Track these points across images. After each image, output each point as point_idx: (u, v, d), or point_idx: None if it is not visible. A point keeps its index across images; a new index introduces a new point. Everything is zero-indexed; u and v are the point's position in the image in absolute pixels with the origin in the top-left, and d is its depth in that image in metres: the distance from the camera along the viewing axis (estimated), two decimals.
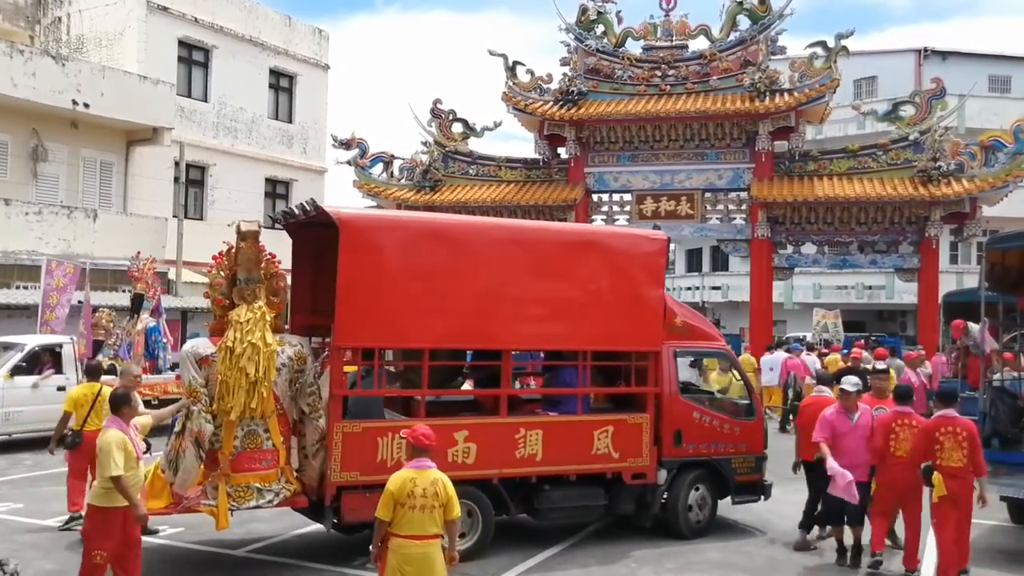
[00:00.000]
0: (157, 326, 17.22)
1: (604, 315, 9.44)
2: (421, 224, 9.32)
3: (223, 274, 8.37)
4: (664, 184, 24.78)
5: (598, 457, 9.32)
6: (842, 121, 36.40)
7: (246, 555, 8.90)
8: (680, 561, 8.93)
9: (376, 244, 8.48)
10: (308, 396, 8.27)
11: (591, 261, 9.50)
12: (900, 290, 32.99)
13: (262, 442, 8.03)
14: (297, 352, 8.29)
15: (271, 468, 8.07)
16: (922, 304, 23.56)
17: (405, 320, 8.55)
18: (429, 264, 8.66)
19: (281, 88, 30.77)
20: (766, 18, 24.27)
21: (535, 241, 9.55)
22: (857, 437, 8.74)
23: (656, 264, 9.93)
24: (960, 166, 22.51)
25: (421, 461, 6.02)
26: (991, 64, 40.59)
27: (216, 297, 8.38)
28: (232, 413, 7.81)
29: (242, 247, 8.32)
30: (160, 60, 26.19)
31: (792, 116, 23.49)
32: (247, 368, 7.79)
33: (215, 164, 28.02)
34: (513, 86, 25.54)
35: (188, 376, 8.06)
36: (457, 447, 8.66)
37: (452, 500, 5.96)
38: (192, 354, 8.12)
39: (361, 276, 8.28)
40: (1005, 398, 10.90)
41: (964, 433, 8.15)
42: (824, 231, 23.91)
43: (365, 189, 26.54)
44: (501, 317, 9.02)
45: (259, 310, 8.11)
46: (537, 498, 9.22)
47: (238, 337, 7.87)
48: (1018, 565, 9.08)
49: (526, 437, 8.99)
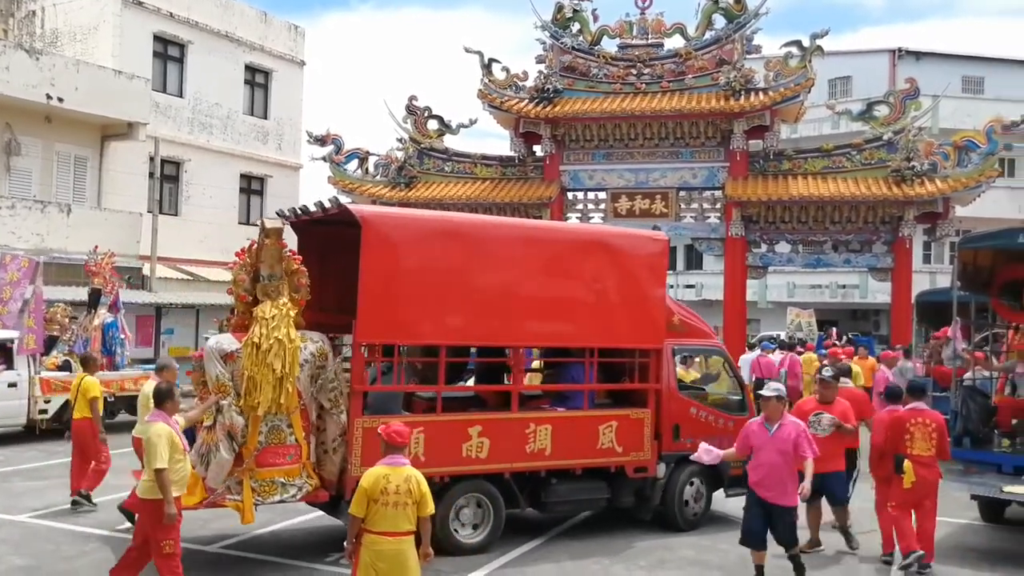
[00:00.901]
0: (115, 322, 16.89)
1: (610, 313, 9.72)
2: (438, 223, 9.47)
3: (246, 271, 8.49)
4: (639, 182, 24.86)
5: (603, 451, 9.60)
6: (817, 120, 36.67)
7: (218, 551, 8.87)
8: (653, 559, 8.98)
9: (396, 242, 8.64)
10: (330, 391, 8.38)
11: (597, 261, 9.76)
12: (874, 289, 33.28)
13: (286, 437, 8.14)
14: (319, 348, 8.40)
15: (294, 463, 8.19)
16: (895, 303, 23.78)
17: (422, 317, 8.75)
18: (445, 262, 8.85)
19: (256, 84, 30.60)
20: (741, 17, 24.40)
21: (545, 241, 9.80)
22: (773, 451, 7.77)
23: (658, 264, 10.26)
24: (933, 166, 22.72)
25: (395, 458, 6.04)
26: (965, 65, 41.02)
27: (240, 293, 8.50)
28: (260, 408, 7.92)
29: (266, 244, 8.43)
30: (135, 55, 25.96)
31: (767, 115, 23.62)
32: (274, 364, 7.90)
33: (190, 160, 27.83)
34: (489, 83, 25.53)
35: (215, 371, 8.09)
36: (471, 442, 8.86)
37: (425, 497, 5.96)
38: (217, 350, 8.17)
39: (382, 273, 8.44)
40: (976, 397, 11.02)
41: (933, 425, 8.67)
42: (798, 230, 24.08)
43: (340, 185, 26.44)
44: (513, 314, 9.23)
45: (284, 306, 8.23)
46: (545, 492, 9.43)
47: (264, 333, 7.99)
48: (988, 563, 9.19)
49: (536, 432, 9.23)
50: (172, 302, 23.36)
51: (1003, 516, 10.90)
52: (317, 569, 8.36)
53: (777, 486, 7.76)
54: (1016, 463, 10.02)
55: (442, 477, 8.67)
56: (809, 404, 9.47)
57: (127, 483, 11.96)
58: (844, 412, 9.24)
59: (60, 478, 12.25)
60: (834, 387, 9.45)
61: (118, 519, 9.95)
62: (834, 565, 9.01)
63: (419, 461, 8.24)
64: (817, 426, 8.91)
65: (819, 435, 8.69)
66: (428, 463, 8.41)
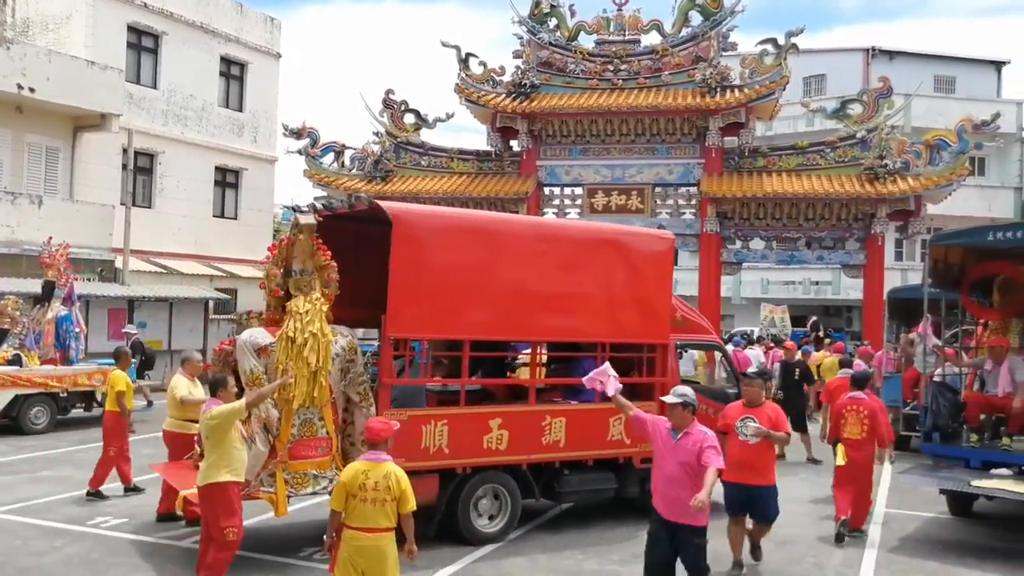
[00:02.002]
0: (69, 315, 16.44)
1: (621, 309, 10.06)
2: (463, 220, 9.83)
3: (278, 266, 8.61)
4: (615, 178, 24.94)
5: (612, 443, 9.95)
6: (791, 118, 36.89)
7: (191, 546, 8.81)
8: (626, 552, 9.01)
9: (424, 239, 8.78)
10: (359, 385, 8.52)
11: (610, 258, 10.07)
12: (846, 286, 33.55)
13: (317, 430, 8.23)
14: (349, 342, 8.53)
15: (325, 455, 8.29)
16: (868, 300, 24.01)
17: (448, 311, 8.93)
18: (469, 258, 9.05)
19: (232, 76, 30.35)
20: (718, 14, 24.52)
21: (561, 238, 10.02)
22: (673, 462, 6.63)
23: (665, 262, 10.62)
24: (906, 164, 22.95)
25: (376, 454, 6.07)
26: (937, 65, 41.42)
27: (272, 288, 8.62)
28: (295, 402, 8.02)
29: (299, 239, 8.52)
30: (108, 45, 25.68)
31: (742, 112, 23.76)
32: (309, 358, 8.04)
33: (164, 152, 27.57)
34: (466, 78, 25.49)
35: (249, 365, 8.17)
36: (492, 434, 9.10)
37: (406, 493, 5.96)
38: (251, 344, 8.25)
39: (410, 269, 8.58)
40: (946, 393, 11.17)
41: (866, 411, 9.77)
42: (772, 227, 24.25)
43: (316, 179, 26.36)
44: (531, 310, 9.49)
45: (317, 301, 8.34)
46: (558, 482, 9.71)
47: (298, 327, 8.10)
48: (954, 556, 9.30)
49: (551, 424, 9.53)
50: (145, 295, 23.14)
51: (971, 510, 11.04)
52: (291, 564, 8.34)
53: (677, 503, 6.58)
54: (984, 458, 10.17)
55: (464, 468, 8.95)
56: (735, 409, 8.55)
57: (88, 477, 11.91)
58: (774, 418, 8.26)
59: (28, 473, 12.16)
60: (758, 387, 8.44)
61: (89, 515, 9.89)
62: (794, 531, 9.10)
63: (443, 453, 8.73)
64: (743, 432, 8.11)
65: (749, 442, 8.08)
66: (452, 455, 8.79)
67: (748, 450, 8.04)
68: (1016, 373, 10.75)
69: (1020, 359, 10.95)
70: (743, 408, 8.36)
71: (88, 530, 9.29)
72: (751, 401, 8.39)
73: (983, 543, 9.91)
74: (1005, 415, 10.71)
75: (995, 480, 9.65)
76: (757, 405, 8.34)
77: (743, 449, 8.10)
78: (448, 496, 8.93)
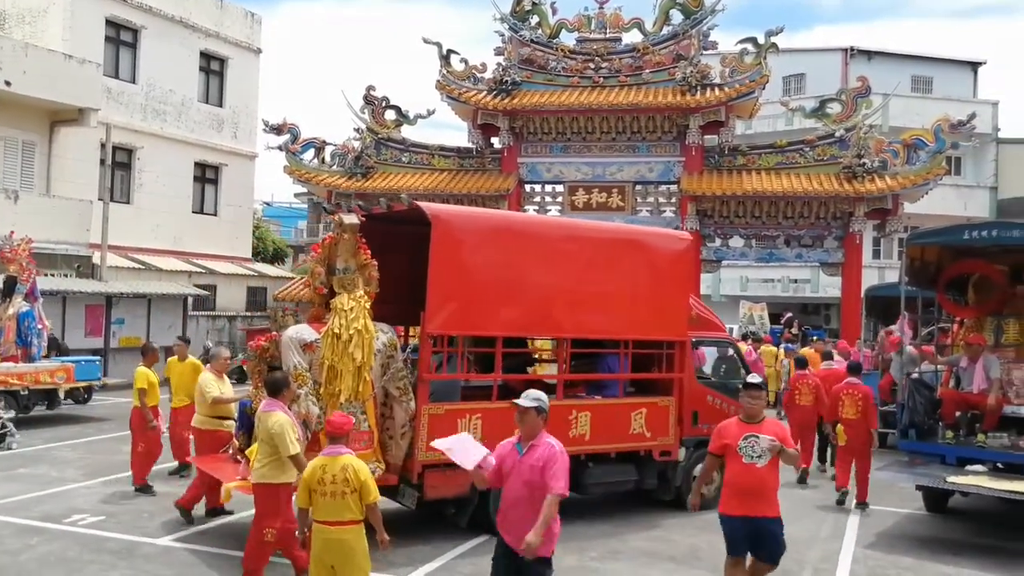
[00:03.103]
0: (31, 311, 16.07)
1: (644, 307, 10.37)
2: (498, 220, 10.26)
3: (322, 264, 8.89)
4: (596, 176, 25.00)
5: (634, 436, 10.28)
6: (771, 117, 37.07)
7: (168, 544, 8.77)
8: (605, 549, 9.05)
9: (461, 239, 9.09)
10: (399, 380, 8.72)
11: (634, 258, 10.44)
12: (825, 284, 33.76)
13: (360, 423, 8.36)
14: (389, 339, 8.78)
15: (368, 448, 8.44)
16: (846, 298, 24.20)
17: (483, 309, 9.23)
18: (503, 258, 9.35)
19: (212, 71, 30.14)
20: (698, 13, 24.64)
21: (587, 239, 10.36)
22: (518, 480, 5.73)
23: (684, 261, 11.08)
24: (883, 163, 23.15)
25: (335, 448, 6.15)
26: (914, 65, 41.73)
27: (317, 286, 8.90)
28: (341, 396, 8.26)
29: (343, 238, 8.80)
30: (86, 39, 25.42)
31: (722, 111, 23.89)
32: (354, 353, 8.27)
33: (143, 147, 27.33)
34: (447, 74, 25.48)
35: (293, 361, 8.37)
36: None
37: (365, 485, 5.99)
38: (297, 340, 8.47)
39: (449, 268, 8.89)
40: (922, 390, 11.26)
41: (860, 395, 11.31)
42: (752, 225, 24.39)
43: (296, 175, 26.30)
44: (561, 307, 9.80)
45: (360, 299, 8.59)
46: (582, 474, 9.86)
47: (343, 324, 8.33)
48: (930, 551, 9.39)
49: (577, 418, 9.84)
50: (123, 291, 22.96)
51: (946, 506, 11.15)
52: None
53: (519, 528, 5.65)
54: (959, 454, 10.27)
55: None
56: (732, 426, 6.91)
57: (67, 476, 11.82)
58: (781, 435, 6.84)
59: (5, 471, 12.04)
60: (760, 399, 6.87)
61: (65, 512, 9.80)
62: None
63: None
64: (753, 453, 6.67)
65: (757, 465, 6.65)
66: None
67: (754, 475, 6.63)
68: (990, 370, 10.86)
69: (994, 357, 11.06)
70: (741, 424, 6.83)
71: (64, 528, 9.22)
72: (751, 415, 6.82)
73: (958, 538, 10.02)
74: (980, 412, 10.82)
75: (970, 476, 9.75)
76: (758, 420, 6.79)
77: (748, 474, 6.65)
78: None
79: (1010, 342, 11.48)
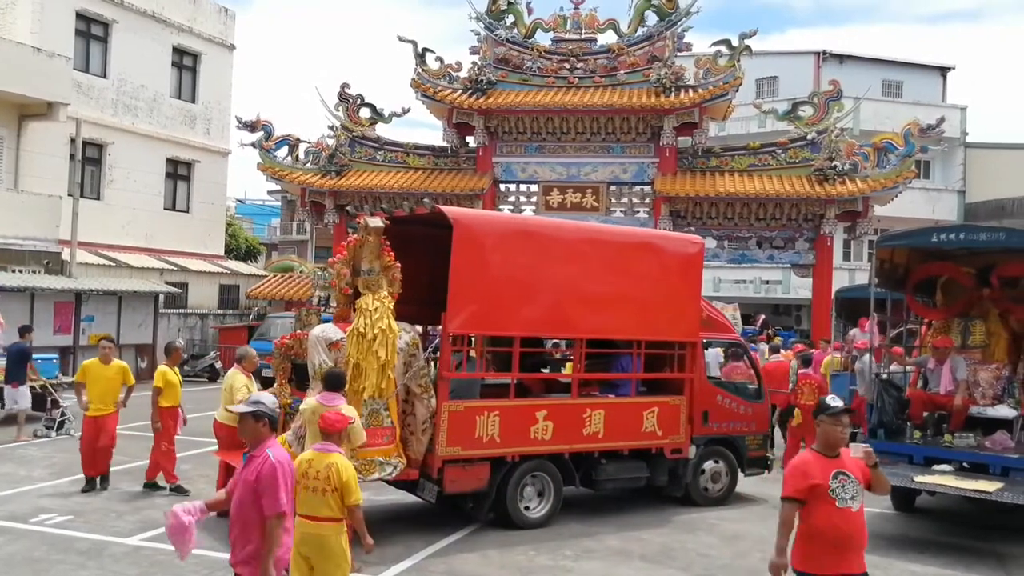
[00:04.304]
0: None
1: (656, 308, 10.68)
2: (517, 224, 10.61)
3: (347, 266, 9.21)
4: (571, 176, 25.05)
5: (646, 434, 10.60)
6: (744, 119, 37.24)
7: (138, 543, 8.71)
8: (579, 548, 9.08)
9: (481, 242, 9.42)
10: (421, 378, 9.07)
11: (647, 261, 10.77)
12: (796, 285, 33.98)
13: (383, 420, 8.72)
14: (412, 338, 9.08)
15: (390, 444, 8.79)
16: (816, 299, 24.38)
17: (501, 310, 9.54)
18: (521, 260, 9.64)
19: (184, 67, 29.89)
20: (673, 15, 24.74)
21: (603, 242, 10.67)
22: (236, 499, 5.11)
23: (695, 264, 11.26)
24: (854, 166, 23.37)
25: (325, 445, 6.17)
26: (885, 69, 42.10)
27: (343, 287, 9.22)
28: (365, 393, 8.55)
29: (368, 240, 9.10)
30: (56, 32, 25.11)
31: (696, 112, 23.99)
32: (378, 352, 8.59)
33: (113, 142, 27.05)
34: (422, 73, 25.42)
35: (318, 359, 8.73)
36: (538, 425, 9.74)
37: (347, 485, 5.96)
38: (323, 338, 8.83)
39: (469, 270, 9.18)
40: (891, 390, 11.41)
41: (815, 383, 13.25)
42: (724, 226, 24.53)
43: (269, 172, 26.12)
44: (576, 308, 10.08)
45: (384, 299, 8.90)
46: (595, 471, 10.34)
47: (368, 323, 8.65)
48: (897, 550, 9.52)
49: (591, 416, 10.15)
50: (93, 288, 22.71)
51: (914, 505, 11.30)
52: None
53: (236, 548, 5.06)
54: (927, 454, 10.41)
55: (513, 456, 9.56)
56: (813, 463, 5.41)
57: (35, 475, 11.70)
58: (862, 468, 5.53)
59: None
60: (843, 427, 5.43)
61: (32, 512, 9.70)
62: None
63: (495, 442, 9.37)
64: (845, 495, 5.33)
65: (852, 508, 5.34)
66: (503, 444, 9.46)
67: (851, 522, 5.34)
68: (957, 372, 11.02)
69: (961, 358, 11.22)
70: (822, 458, 5.42)
71: (31, 528, 9.12)
72: (832, 446, 5.44)
73: (925, 537, 10.15)
74: (947, 412, 10.97)
75: (937, 476, 9.88)
76: (837, 453, 5.45)
77: (845, 521, 5.32)
78: (498, 482, 9.50)
79: (976, 344, 11.64)
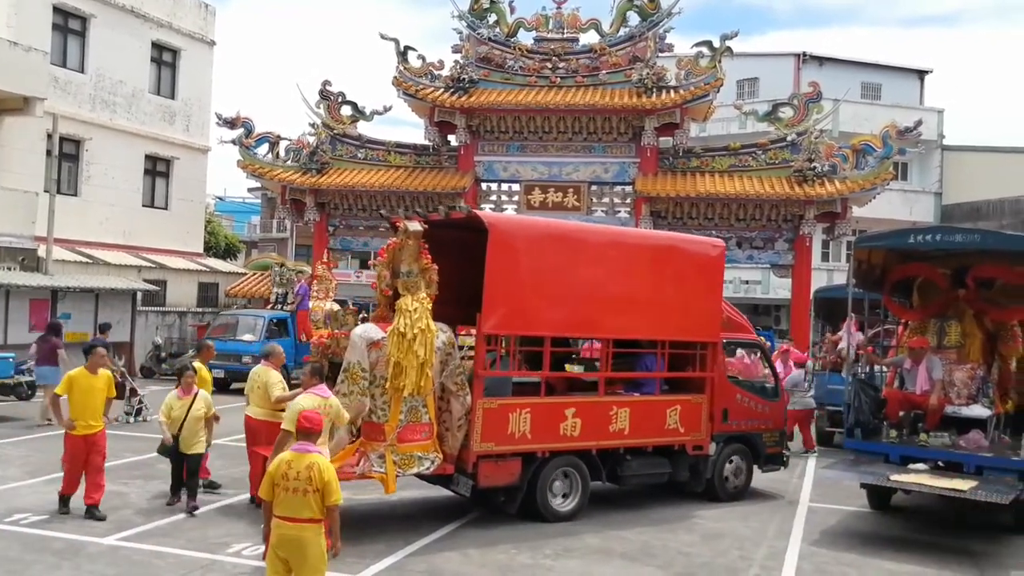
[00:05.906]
0: None
1: (679, 309, 10.99)
2: (548, 227, 10.79)
3: (387, 268, 9.56)
4: (552, 175, 25.08)
5: (669, 432, 10.91)
6: (725, 120, 37.42)
7: (114, 543, 8.64)
8: (558, 547, 9.09)
9: (515, 244, 9.75)
10: (456, 376, 9.38)
11: (672, 264, 11.12)
12: (775, 285, 34.23)
13: (421, 416, 9.11)
14: (448, 338, 9.39)
15: (428, 439, 9.18)
16: (795, 299, 24.56)
17: (532, 310, 9.85)
18: (551, 262, 9.96)
19: (164, 63, 29.68)
20: (655, 15, 24.83)
21: (629, 245, 11.09)
22: None
23: (717, 266, 11.64)
24: (833, 168, 23.52)
25: (304, 445, 6.09)
26: (864, 72, 42.40)
27: (383, 288, 9.59)
28: (405, 390, 8.90)
29: (408, 244, 9.39)
30: (32, 27, 24.86)
31: (677, 113, 24.07)
32: (418, 351, 8.90)
33: (91, 138, 26.82)
34: (404, 71, 25.37)
35: (355, 358, 9.05)
36: (567, 422, 10.07)
37: (328, 486, 5.90)
38: (364, 338, 9.14)
39: (503, 272, 9.51)
40: (867, 390, 11.50)
41: None
42: (704, 226, 24.59)
43: (249, 169, 26.00)
44: (603, 309, 10.41)
45: (423, 300, 9.20)
46: (620, 466, 10.63)
47: (408, 324, 8.95)
48: (873, 548, 9.60)
49: (617, 414, 10.48)
50: (69, 286, 22.51)
51: (889, 503, 11.39)
52: (218, 560, 8.21)
53: None
54: (902, 453, 10.51)
55: (543, 452, 9.87)
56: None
57: (9, 474, 11.59)
58: None
59: None
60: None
61: (6, 511, 9.59)
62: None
63: (526, 438, 9.69)
64: None
65: None
66: (533, 440, 9.77)
67: None
68: (933, 372, 11.12)
69: (937, 358, 11.32)
70: None
71: (6, 527, 9.01)
72: None
73: (900, 535, 10.24)
74: (923, 412, 11.07)
75: (912, 475, 9.98)
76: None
77: None
78: (529, 477, 9.77)
79: (952, 344, 11.74)
